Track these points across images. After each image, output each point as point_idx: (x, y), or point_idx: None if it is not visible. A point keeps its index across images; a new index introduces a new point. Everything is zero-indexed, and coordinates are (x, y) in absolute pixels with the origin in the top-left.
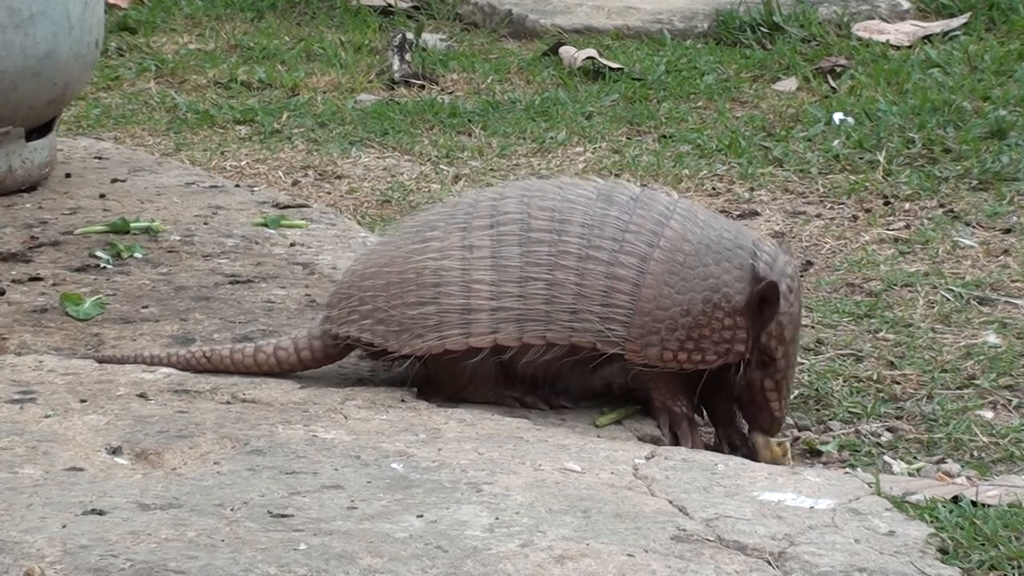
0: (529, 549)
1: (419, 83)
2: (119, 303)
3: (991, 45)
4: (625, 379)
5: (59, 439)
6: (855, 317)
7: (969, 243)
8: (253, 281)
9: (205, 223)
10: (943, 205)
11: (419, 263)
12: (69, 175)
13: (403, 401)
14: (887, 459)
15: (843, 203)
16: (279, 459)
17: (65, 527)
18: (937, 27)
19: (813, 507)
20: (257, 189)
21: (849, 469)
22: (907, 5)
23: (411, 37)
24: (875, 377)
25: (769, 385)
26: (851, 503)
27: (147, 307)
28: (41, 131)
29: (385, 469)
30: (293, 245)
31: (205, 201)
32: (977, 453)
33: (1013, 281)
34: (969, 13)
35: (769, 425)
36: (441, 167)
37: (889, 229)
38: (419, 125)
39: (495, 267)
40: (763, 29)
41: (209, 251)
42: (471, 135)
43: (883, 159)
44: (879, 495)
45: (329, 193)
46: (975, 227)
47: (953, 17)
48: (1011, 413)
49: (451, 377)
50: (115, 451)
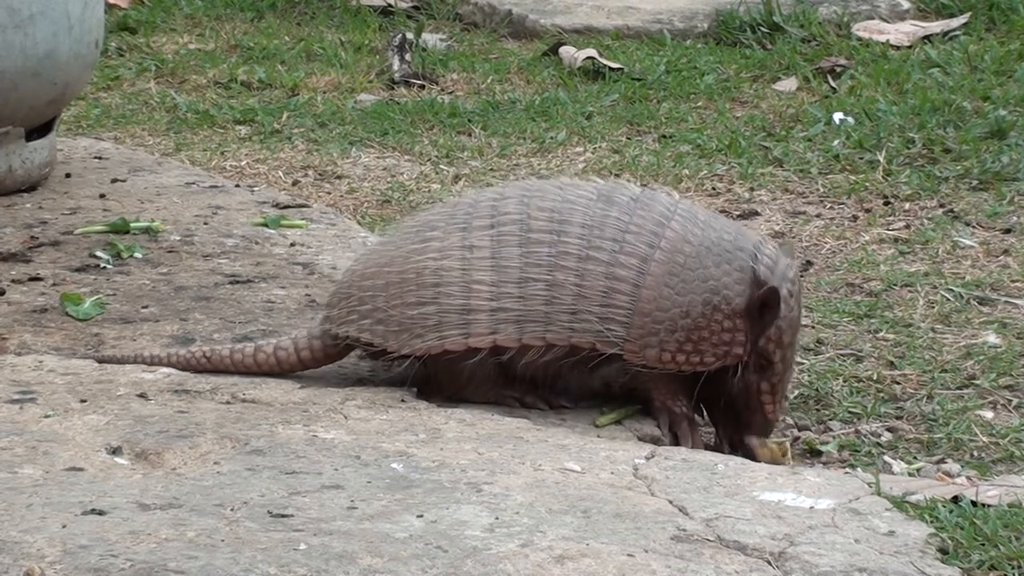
0: (529, 549)
1: (419, 83)
2: (119, 303)
3: (991, 45)
4: (625, 379)
5: (59, 439)
6: (855, 317)
7: (969, 243)
8: (253, 281)
9: (205, 223)
10: (943, 205)
11: (419, 263)
12: (69, 175)
13: (403, 401)
14: (887, 459)
15: (843, 203)
16: (279, 459)
17: (65, 527)
18: (937, 27)
19: (813, 507)
20: (257, 189)
21: (849, 469)
22: (907, 5)
23: (411, 37)
24: (875, 377)
25: (765, 388)
26: (851, 503)
27: (147, 307)
28: (41, 131)
29: (385, 469)
30: (293, 245)
31: (205, 201)
32: (977, 453)
33: (1013, 281)
34: (969, 13)
35: (762, 428)
36: (441, 167)
37: (889, 229)
38: (419, 125)
39: (495, 267)
40: (763, 29)
41: (209, 251)
42: (471, 135)
43: (883, 159)
44: (879, 495)
45: (329, 193)
46: (975, 227)
47: (953, 17)
48: (1011, 413)
49: (451, 377)
50: (115, 451)
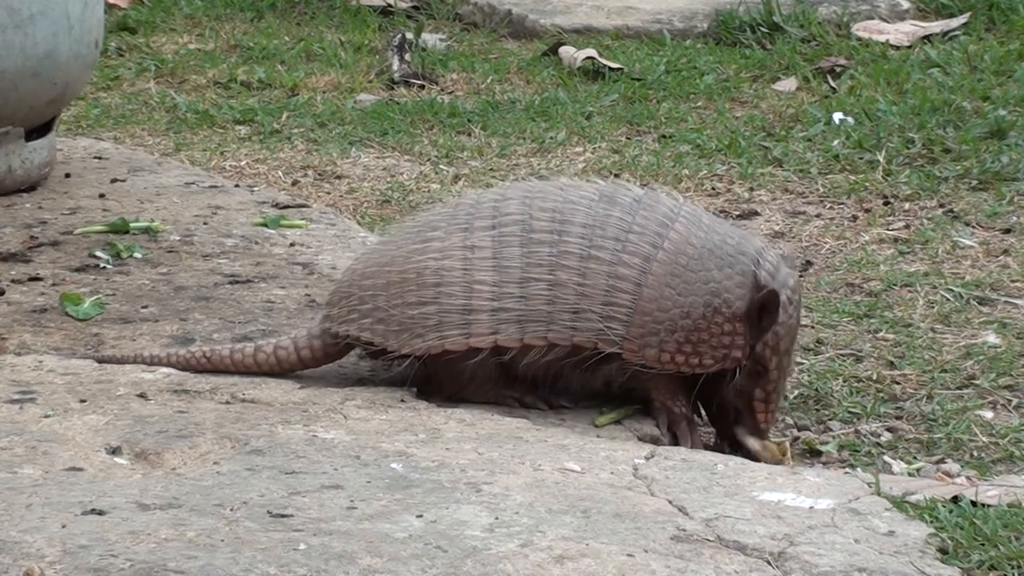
0: (529, 549)
1: (419, 83)
2: (119, 303)
3: (991, 45)
4: (624, 379)
5: (59, 439)
6: (855, 317)
7: (969, 243)
8: (253, 281)
9: (205, 223)
10: (943, 205)
11: (420, 263)
12: (69, 175)
13: (403, 401)
14: (887, 459)
15: (843, 203)
16: (279, 459)
17: (65, 527)
18: (937, 27)
19: (813, 507)
20: (257, 189)
21: (849, 469)
22: (907, 5)
23: (411, 37)
24: (875, 377)
25: (759, 395)
26: (851, 503)
27: (147, 307)
28: (41, 131)
29: (385, 469)
30: (293, 245)
31: (205, 201)
32: (977, 453)
33: (1013, 281)
34: (969, 13)
35: (755, 432)
36: (441, 167)
37: (889, 229)
38: (419, 125)
39: (496, 268)
40: (763, 29)
41: (209, 251)
42: (471, 135)
43: (883, 159)
44: (879, 495)
45: (329, 193)
46: (975, 227)
47: (953, 17)
48: (1011, 413)
49: (451, 377)
50: (115, 451)
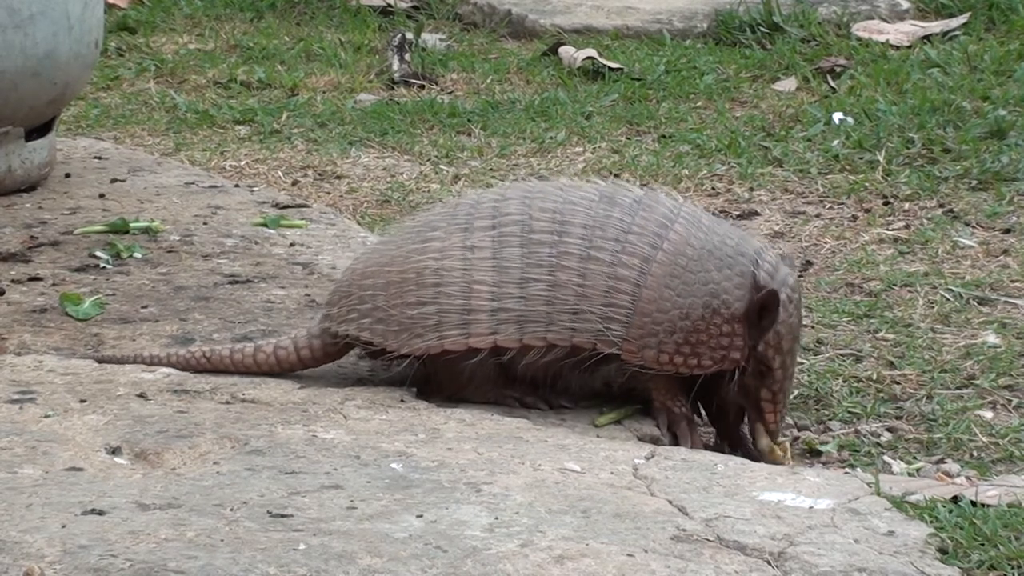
0: (529, 549)
1: (419, 83)
2: (118, 303)
3: (991, 45)
4: (624, 379)
5: (59, 439)
6: (855, 317)
7: (969, 243)
8: (252, 281)
9: (204, 223)
10: (943, 205)
11: (420, 263)
12: (69, 175)
13: (403, 401)
14: (887, 459)
15: (843, 203)
16: (279, 459)
17: (65, 527)
18: (937, 27)
19: (813, 507)
20: (257, 189)
21: (849, 469)
22: (907, 5)
23: (411, 37)
24: (875, 377)
25: (765, 395)
26: (851, 503)
27: (147, 307)
28: (41, 131)
29: (384, 469)
30: (293, 245)
31: (204, 201)
32: (977, 453)
33: (1013, 281)
34: (969, 13)
35: (765, 434)
36: (441, 167)
37: (889, 229)
38: (419, 125)
39: (496, 268)
40: (763, 29)
41: (208, 251)
42: (471, 135)
43: (883, 159)
44: (879, 495)
45: (329, 193)
46: (975, 227)
47: (953, 17)
48: (1011, 413)
49: (450, 377)
50: (115, 451)
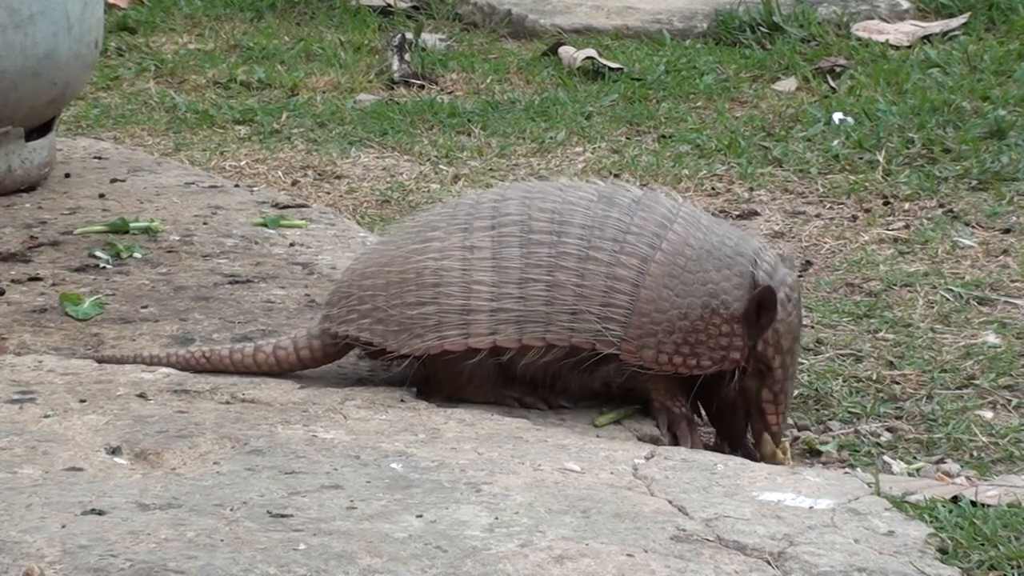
0: (528, 549)
1: (418, 83)
2: (118, 303)
3: (990, 45)
4: (623, 379)
5: (58, 439)
6: (855, 317)
7: (968, 243)
8: (252, 281)
9: (204, 223)
10: (943, 205)
11: (419, 263)
12: (68, 175)
13: (402, 401)
14: (887, 459)
15: (843, 203)
16: (278, 459)
17: (64, 527)
18: (936, 27)
19: (812, 507)
20: (256, 189)
21: (848, 469)
22: (906, 5)
23: (410, 37)
24: (875, 377)
25: (766, 396)
26: (850, 503)
27: (146, 307)
28: (41, 131)
29: (384, 469)
30: (292, 245)
31: (204, 201)
32: (976, 453)
33: (1012, 281)
34: (968, 13)
35: (767, 436)
36: (440, 167)
37: (889, 229)
38: (418, 125)
39: (495, 268)
40: (763, 29)
41: (208, 251)
42: (470, 135)
43: (882, 159)
44: (878, 495)
45: (328, 193)
46: (974, 227)
47: (952, 17)
48: (1010, 413)
49: (450, 377)
50: (114, 451)
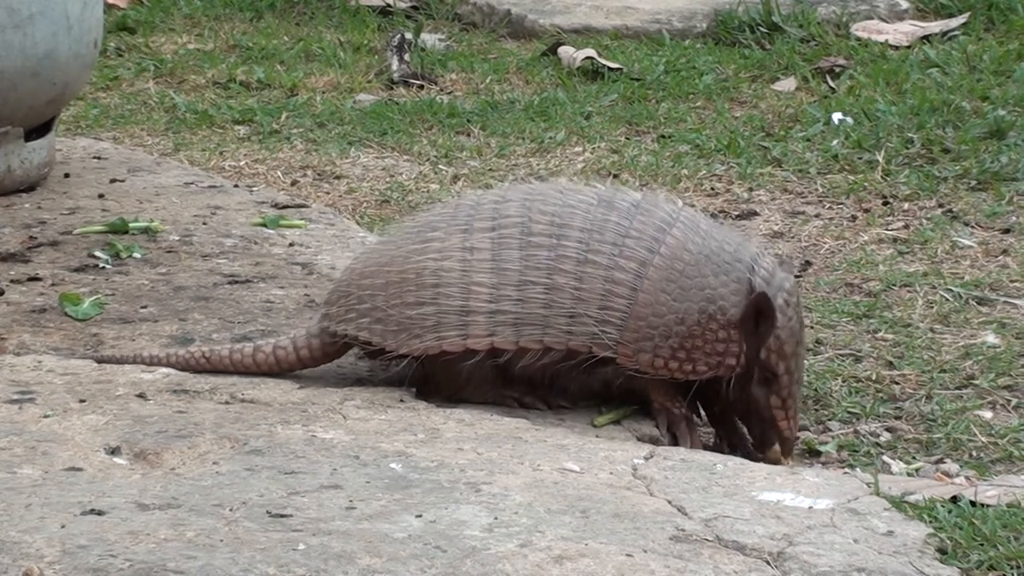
0: (528, 549)
1: (418, 83)
2: (118, 303)
3: (990, 45)
4: (622, 380)
5: (58, 439)
6: (854, 317)
7: (968, 243)
8: (252, 281)
9: (204, 223)
10: (942, 205)
11: (419, 263)
12: (68, 175)
13: (402, 401)
14: (886, 459)
15: (842, 203)
16: (278, 459)
17: (64, 527)
18: (936, 27)
19: (812, 507)
20: (256, 189)
21: (848, 469)
22: (906, 5)
23: (410, 37)
24: (874, 377)
25: (775, 403)
26: (850, 503)
27: (146, 307)
28: (40, 131)
29: (384, 469)
30: (292, 245)
31: (204, 201)
32: (976, 453)
33: (1012, 281)
34: (968, 13)
35: (780, 444)
36: (440, 167)
37: (888, 229)
38: (418, 125)
39: (495, 270)
40: (762, 29)
41: (208, 251)
42: (470, 135)
43: (882, 159)
44: (878, 495)
45: (328, 193)
46: (974, 227)
47: (952, 17)
48: (1010, 413)
49: (449, 378)
50: (114, 451)
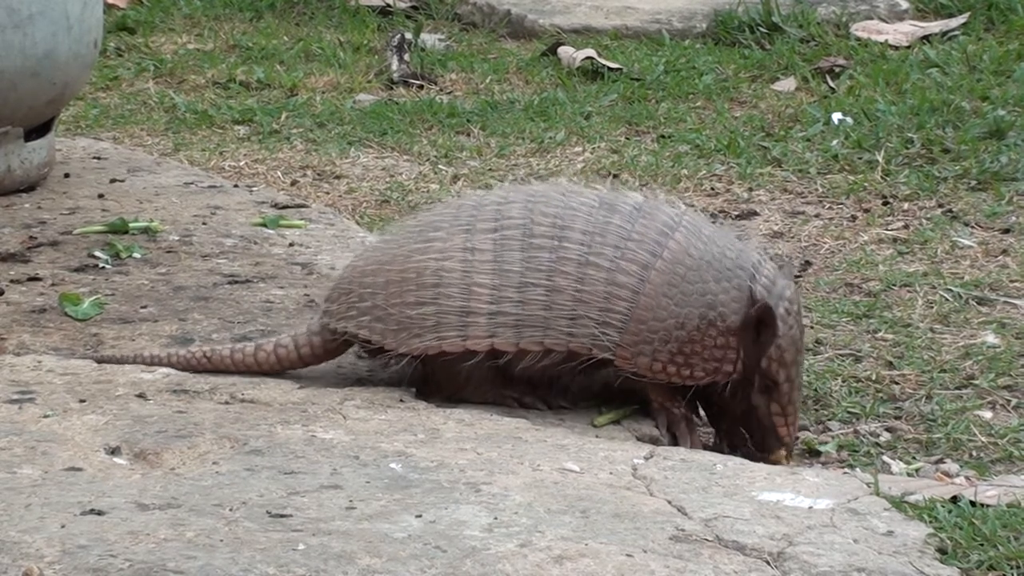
0: (528, 549)
1: (418, 83)
2: (118, 303)
3: (990, 45)
4: (622, 380)
5: (58, 439)
6: (854, 317)
7: (968, 243)
8: (252, 281)
9: (204, 223)
10: (942, 205)
11: (420, 263)
12: (68, 175)
13: (402, 401)
14: (886, 459)
15: (842, 203)
16: (278, 459)
17: (64, 527)
18: (936, 27)
19: (812, 507)
20: (256, 189)
21: (848, 469)
22: (906, 5)
23: (410, 37)
24: (874, 377)
25: (776, 410)
26: (850, 503)
27: (146, 307)
28: (40, 131)
29: (384, 469)
30: (292, 245)
31: (204, 201)
32: (976, 453)
33: (1012, 281)
34: (968, 13)
35: (780, 447)
36: (440, 167)
37: (888, 229)
38: (418, 125)
39: (496, 271)
40: (762, 29)
41: (208, 251)
42: (470, 135)
43: (882, 159)
44: (878, 495)
45: (328, 193)
46: (974, 227)
47: (952, 17)
48: (1010, 413)
49: (449, 377)
50: (114, 451)
